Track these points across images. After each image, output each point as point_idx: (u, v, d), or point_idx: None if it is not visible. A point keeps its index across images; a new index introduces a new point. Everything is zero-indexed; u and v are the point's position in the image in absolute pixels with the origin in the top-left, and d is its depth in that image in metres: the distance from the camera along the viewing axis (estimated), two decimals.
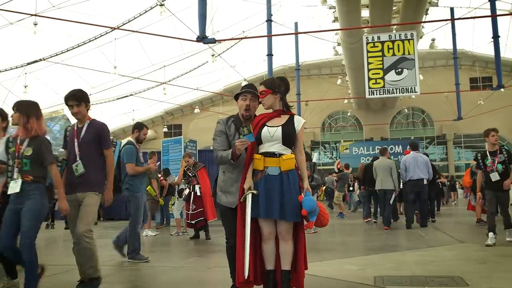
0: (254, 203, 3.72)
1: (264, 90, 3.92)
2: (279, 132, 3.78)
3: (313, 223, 3.68)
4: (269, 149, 3.79)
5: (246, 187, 3.77)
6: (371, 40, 18.70)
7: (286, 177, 3.74)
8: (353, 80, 33.20)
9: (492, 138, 7.47)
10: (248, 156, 3.84)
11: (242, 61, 29.86)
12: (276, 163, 3.75)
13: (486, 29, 25.93)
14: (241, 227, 3.79)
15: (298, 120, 3.91)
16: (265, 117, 3.91)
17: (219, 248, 8.20)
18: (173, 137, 41.82)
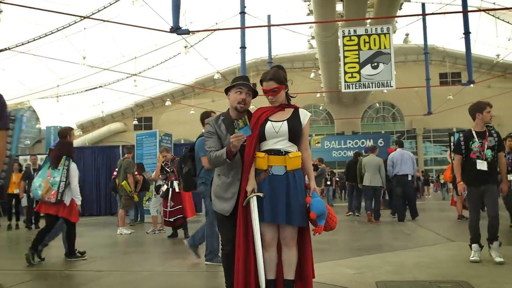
0: (257, 207, 3.37)
1: (276, 86, 3.51)
2: (284, 128, 3.43)
3: (322, 228, 3.35)
4: (274, 146, 3.43)
5: (250, 189, 3.40)
6: (347, 34, 18.50)
7: (292, 177, 3.40)
8: (326, 74, 33.17)
9: (488, 115, 5.64)
10: (249, 155, 3.44)
11: (215, 53, 29.40)
12: (282, 162, 3.40)
13: (456, 25, 26.21)
14: (243, 236, 3.41)
15: (303, 113, 3.56)
16: (268, 111, 3.54)
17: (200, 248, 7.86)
18: (144, 130, 41.34)
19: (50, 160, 6.49)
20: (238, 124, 3.41)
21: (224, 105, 17.22)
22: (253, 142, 3.45)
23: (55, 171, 6.34)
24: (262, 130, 3.45)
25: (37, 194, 6.33)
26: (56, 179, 6.27)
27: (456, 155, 5.81)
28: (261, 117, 3.50)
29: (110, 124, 43.65)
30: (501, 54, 33.38)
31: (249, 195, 3.39)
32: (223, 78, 34.19)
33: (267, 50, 28.75)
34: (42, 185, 6.28)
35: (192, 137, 40.60)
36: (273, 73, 3.55)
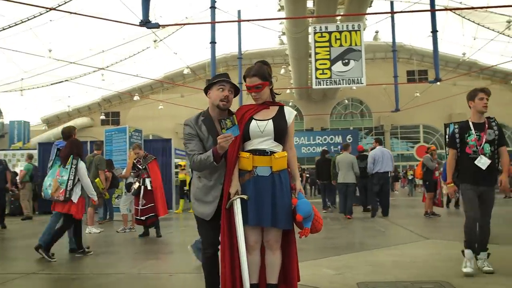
0: (241, 209, 3.23)
1: (260, 83, 3.34)
2: (270, 127, 3.29)
3: (308, 230, 3.23)
4: (259, 146, 3.29)
5: (233, 191, 3.25)
6: (319, 30, 18.50)
7: (278, 178, 3.27)
8: (296, 70, 33.19)
9: (480, 103, 4.96)
10: (233, 155, 3.29)
11: (185, 48, 29.12)
12: (267, 162, 3.26)
13: (423, 24, 26.61)
14: (228, 239, 3.27)
15: (289, 112, 3.44)
16: (252, 109, 3.38)
17: (174, 248, 7.68)
18: (111, 125, 40.62)
19: (60, 160, 6.65)
20: (226, 124, 3.17)
21: (193, 100, 17.24)
22: (237, 142, 3.29)
23: (63, 170, 6.52)
24: (247, 130, 3.30)
25: (47, 194, 6.49)
26: (64, 178, 6.45)
27: (450, 150, 5.07)
28: (245, 116, 3.35)
29: (76, 119, 42.75)
30: (467, 52, 34.05)
31: (232, 197, 3.24)
32: (192, 73, 33.86)
33: (237, 45, 28.69)
34: (52, 184, 6.46)
35: (161, 132, 40.64)
36: (256, 69, 3.39)
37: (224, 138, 3.13)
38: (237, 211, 3.22)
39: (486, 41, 29.77)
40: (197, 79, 37.70)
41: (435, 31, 23.70)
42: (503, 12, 26.44)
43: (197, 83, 37.09)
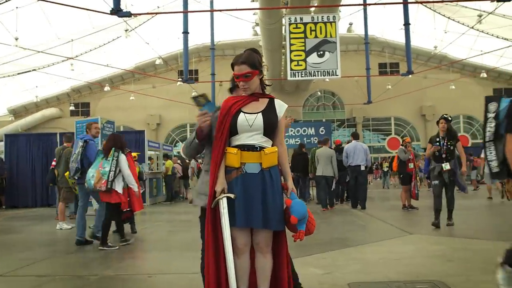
0: (228, 209, 3.00)
1: (249, 71, 3.10)
2: (259, 120, 3.06)
3: (303, 233, 3.01)
4: (247, 141, 3.06)
5: (219, 189, 3.01)
6: (293, 21, 18.35)
7: (268, 175, 3.04)
8: (269, 61, 32.92)
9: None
10: (219, 150, 3.06)
11: (157, 38, 28.52)
12: (257, 159, 3.04)
13: (395, 17, 26.71)
14: (212, 242, 3.03)
15: (279, 104, 3.20)
16: (240, 101, 3.14)
17: (151, 245, 7.41)
18: (81, 116, 39.72)
19: (103, 152, 7.07)
20: (199, 101, 3.03)
21: (164, 91, 16.77)
22: (224, 136, 3.06)
23: (105, 161, 6.92)
24: (234, 123, 3.06)
25: (90, 184, 6.85)
26: (106, 169, 6.85)
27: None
28: (232, 108, 3.10)
29: (44, 110, 41.65)
30: (438, 46, 34.36)
31: (218, 196, 3.01)
32: (164, 64, 33.30)
33: (210, 36, 28.33)
34: (94, 176, 6.83)
35: (132, 123, 39.79)
36: (246, 56, 3.15)
37: (200, 116, 3.05)
38: (223, 211, 2.98)
39: (456, 34, 30.15)
40: (169, 70, 37.14)
41: (408, 24, 23.86)
42: (474, 7, 26.75)
43: (169, 74, 36.55)
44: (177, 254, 6.28)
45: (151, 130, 38.44)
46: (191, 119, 40.07)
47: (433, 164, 7.95)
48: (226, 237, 2.96)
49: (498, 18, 26.05)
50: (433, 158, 7.93)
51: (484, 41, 31.54)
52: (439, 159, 7.81)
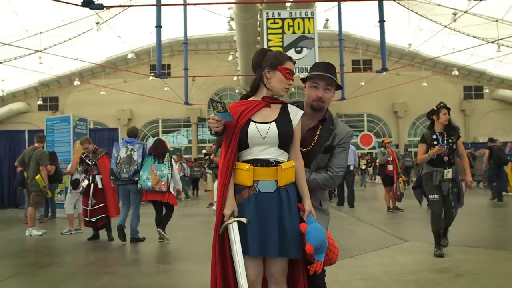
0: (240, 236, 2.60)
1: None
2: (273, 131, 2.67)
3: (321, 264, 2.55)
4: (261, 155, 2.67)
5: (228, 212, 2.61)
6: (271, 16, 18.07)
7: (285, 194, 2.65)
8: (244, 57, 32.49)
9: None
10: (228, 166, 2.66)
11: (129, 31, 27.76)
12: (272, 175, 2.64)
13: (369, 13, 26.68)
14: (220, 270, 2.63)
15: (295, 111, 2.81)
16: (248, 108, 2.73)
17: (132, 256, 6.93)
18: (49, 110, 38.58)
19: (154, 156, 7.68)
20: (217, 106, 2.61)
21: (136, 86, 16.29)
22: (232, 149, 2.67)
23: (161, 165, 7.64)
24: (244, 135, 2.67)
25: (147, 185, 7.51)
26: (164, 172, 7.61)
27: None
28: (242, 117, 2.71)
29: (11, 104, 40.24)
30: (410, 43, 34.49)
31: (227, 220, 2.61)
32: (136, 58, 32.56)
33: (183, 30, 27.83)
34: (150, 178, 7.52)
35: (103, 118, 38.91)
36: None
37: (213, 120, 2.66)
38: (234, 238, 2.58)
39: (429, 32, 30.31)
40: (141, 64, 36.39)
41: (382, 21, 23.84)
42: (448, 5, 26.90)
43: (141, 68, 35.82)
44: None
45: (123, 126, 37.59)
46: (163, 114, 39.42)
47: (428, 169, 6.02)
48: (239, 269, 2.55)
49: (470, 17, 26.23)
50: (429, 162, 5.98)
51: (456, 39, 31.82)
52: (438, 163, 5.90)
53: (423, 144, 6.12)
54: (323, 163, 2.95)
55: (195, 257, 6.22)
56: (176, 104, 33.26)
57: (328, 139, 2.94)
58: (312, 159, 2.93)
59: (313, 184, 2.86)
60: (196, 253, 6.54)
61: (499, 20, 27.62)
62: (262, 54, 2.85)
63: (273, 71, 2.76)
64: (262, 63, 2.81)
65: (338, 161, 2.95)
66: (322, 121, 3.00)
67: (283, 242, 2.59)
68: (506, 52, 30.52)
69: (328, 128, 2.97)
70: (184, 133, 42.16)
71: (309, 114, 2.96)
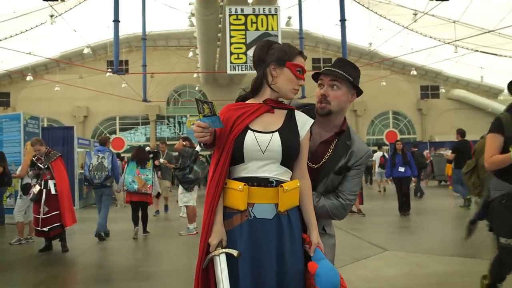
0: (228, 272, 2.09)
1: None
2: (276, 143, 2.18)
3: None
4: (258, 172, 2.17)
5: (215, 241, 2.11)
6: (234, 12, 17.66)
7: (286, 222, 2.17)
8: (204, 53, 31.98)
9: None
10: (217, 184, 2.16)
11: (85, 25, 26.80)
12: (271, 198, 2.15)
13: (330, 12, 26.70)
14: None
15: (303, 119, 2.34)
16: (247, 112, 2.24)
17: (89, 271, 6.35)
18: (0, 107, 36.85)
19: (136, 162, 8.78)
20: (203, 109, 2.09)
21: (92, 82, 15.74)
22: (224, 164, 2.17)
23: (145, 170, 8.71)
24: (239, 146, 2.17)
25: (133, 188, 8.58)
26: (148, 177, 8.67)
27: None
28: (237, 125, 2.20)
29: None
30: (369, 42, 34.75)
31: (213, 251, 2.10)
32: (92, 53, 31.50)
33: (141, 25, 27.13)
34: (136, 181, 8.52)
35: (57, 115, 37.69)
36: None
37: (198, 128, 2.12)
38: (222, 275, 2.05)
39: (388, 32, 30.58)
40: (98, 60, 35.27)
41: (344, 20, 23.84)
42: (408, 6, 27.18)
43: (97, 63, 34.71)
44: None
45: (78, 123, 36.40)
46: (120, 111, 38.38)
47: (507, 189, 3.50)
48: None
49: (428, 17, 26.56)
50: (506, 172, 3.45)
51: (414, 39, 32.25)
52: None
53: (498, 134, 3.49)
54: (332, 186, 2.49)
55: (160, 274, 5.75)
56: (134, 101, 32.44)
57: (343, 156, 2.49)
58: (321, 178, 2.47)
59: (320, 212, 2.41)
60: (161, 270, 6.05)
61: (456, 22, 28.12)
62: (267, 47, 2.36)
63: (281, 68, 2.30)
64: (267, 57, 2.33)
65: (351, 186, 2.49)
66: (338, 134, 2.55)
67: (282, 282, 2.12)
68: (462, 53, 31.11)
69: (344, 143, 2.52)
70: (142, 130, 41.19)
71: (323, 122, 2.51)
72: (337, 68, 2.53)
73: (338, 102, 2.50)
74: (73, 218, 7.41)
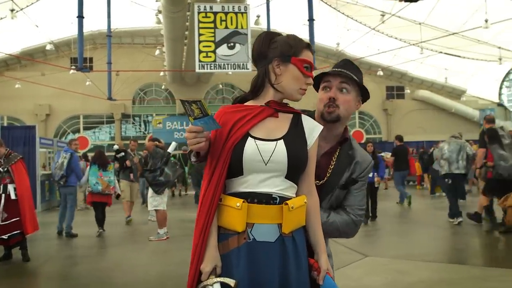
0: None
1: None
2: (281, 153, 1.86)
3: None
4: (260, 187, 1.84)
5: (208, 268, 1.79)
6: (203, 10, 17.34)
7: (291, 244, 1.85)
8: (171, 51, 31.48)
9: None
10: (212, 199, 1.83)
11: (48, 21, 25.99)
12: (274, 217, 1.83)
13: (299, 12, 26.67)
14: None
15: (311, 126, 2.02)
16: (247, 116, 1.91)
17: (52, 280, 6.00)
18: None
19: (98, 165, 9.27)
20: (192, 110, 1.75)
21: (55, 79, 15.23)
22: (220, 177, 1.83)
23: (108, 172, 9.20)
24: (238, 156, 1.84)
25: (97, 189, 9.05)
26: (111, 179, 9.21)
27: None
28: (235, 130, 1.87)
29: None
30: (338, 43, 34.90)
31: (205, 279, 1.79)
32: (55, 50, 30.61)
33: (106, 21, 26.48)
34: (99, 183, 9.00)
35: (18, 114, 36.53)
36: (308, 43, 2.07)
37: (190, 134, 1.77)
38: None
39: (355, 32, 30.75)
40: (61, 57, 34.32)
41: (312, 19, 23.78)
42: (375, 7, 27.36)
43: (61, 60, 33.80)
44: None
45: (40, 121, 35.37)
46: (84, 110, 37.48)
47: None
48: None
49: (394, 19, 26.82)
50: None
51: (380, 39, 32.56)
52: None
53: None
54: (337, 202, 2.23)
55: (131, 285, 5.41)
56: (98, 99, 31.69)
57: (346, 169, 2.22)
58: (325, 195, 2.18)
59: (330, 229, 2.14)
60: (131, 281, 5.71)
61: (422, 23, 28.49)
62: (268, 39, 2.03)
63: (285, 64, 1.97)
64: (268, 52, 2.00)
65: (358, 200, 2.23)
66: (341, 143, 2.28)
67: None
68: (427, 54, 31.58)
69: (347, 153, 2.24)
70: (107, 129, 40.33)
71: (326, 131, 2.16)
72: (345, 69, 2.25)
73: (347, 107, 2.24)
74: (34, 225, 6.94)
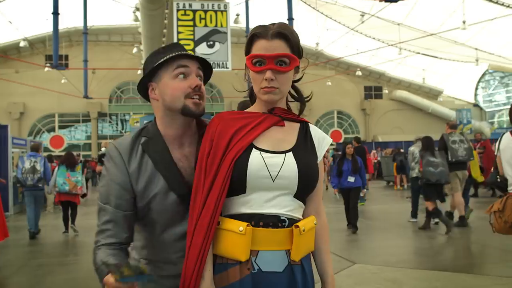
0: None
1: (288, 54, 1.61)
2: (291, 168, 1.57)
3: None
4: (266, 207, 1.55)
5: None
6: (182, 8, 17.12)
7: (300, 274, 1.57)
8: (149, 49, 31.11)
9: None
10: (209, 222, 1.52)
11: (22, 17, 25.48)
12: (283, 243, 1.55)
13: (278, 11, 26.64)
14: None
15: (319, 135, 1.75)
16: (249, 124, 1.63)
17: None
18: None
19: (66, 165, 9.32)
20: (120, 271, 1.37)
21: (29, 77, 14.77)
22: (219, 196, 1.53)
23: (75, 173, 9.30)
24: (241, 172, 1.54)
25: (65, 189, 9.16)
26: (78, 179, 9.27)
27: None
28: (237, 141, 1.59)
29: None
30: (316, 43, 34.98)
31: None
32: (30, 47, 29.98)
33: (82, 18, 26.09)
34: (67, 183, 9.13)
35: None
36: (283, 27, 1.63)
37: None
38: None
39: (334, 32, 30.84)
40: (35, 54, 33.64)
41: (291, 19, 23.75)
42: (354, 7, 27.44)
43: (35, 58, 33.10)
44: None
45: (13, 120, 34.63)
46: (59, 108, 36.80)
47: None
48: None
49: (373, 19, 26.93)
50: None
51: (358, 40, 32.72)
52: None
53: None
54: None
55: None
56: (74, 97, 31.17)
57: None
58: None
59: None
60: None
61: (401, 24, 28.69)
62: (249, 39, 1.67)
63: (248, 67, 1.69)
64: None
65: None
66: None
67: None
68: (405, 55, 31.83)
69: None
70: (83, 128, 39.67)
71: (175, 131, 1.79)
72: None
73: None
74: (4, 232, 6.65)
